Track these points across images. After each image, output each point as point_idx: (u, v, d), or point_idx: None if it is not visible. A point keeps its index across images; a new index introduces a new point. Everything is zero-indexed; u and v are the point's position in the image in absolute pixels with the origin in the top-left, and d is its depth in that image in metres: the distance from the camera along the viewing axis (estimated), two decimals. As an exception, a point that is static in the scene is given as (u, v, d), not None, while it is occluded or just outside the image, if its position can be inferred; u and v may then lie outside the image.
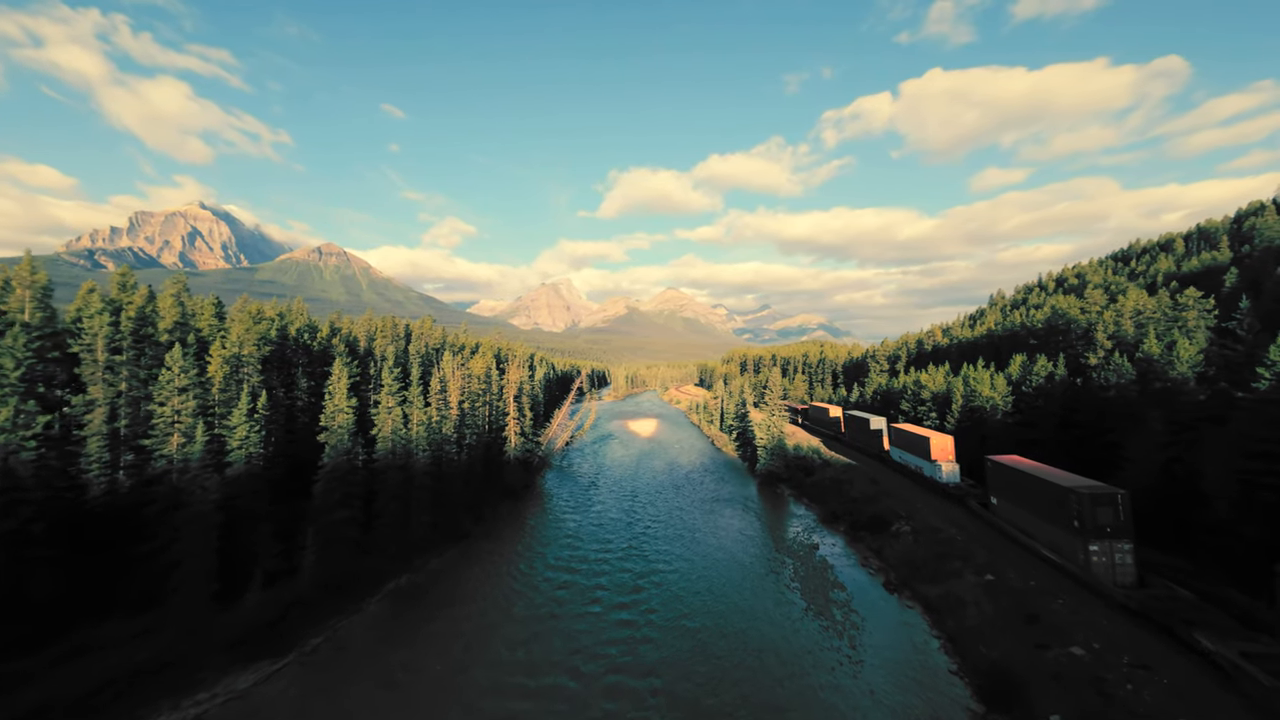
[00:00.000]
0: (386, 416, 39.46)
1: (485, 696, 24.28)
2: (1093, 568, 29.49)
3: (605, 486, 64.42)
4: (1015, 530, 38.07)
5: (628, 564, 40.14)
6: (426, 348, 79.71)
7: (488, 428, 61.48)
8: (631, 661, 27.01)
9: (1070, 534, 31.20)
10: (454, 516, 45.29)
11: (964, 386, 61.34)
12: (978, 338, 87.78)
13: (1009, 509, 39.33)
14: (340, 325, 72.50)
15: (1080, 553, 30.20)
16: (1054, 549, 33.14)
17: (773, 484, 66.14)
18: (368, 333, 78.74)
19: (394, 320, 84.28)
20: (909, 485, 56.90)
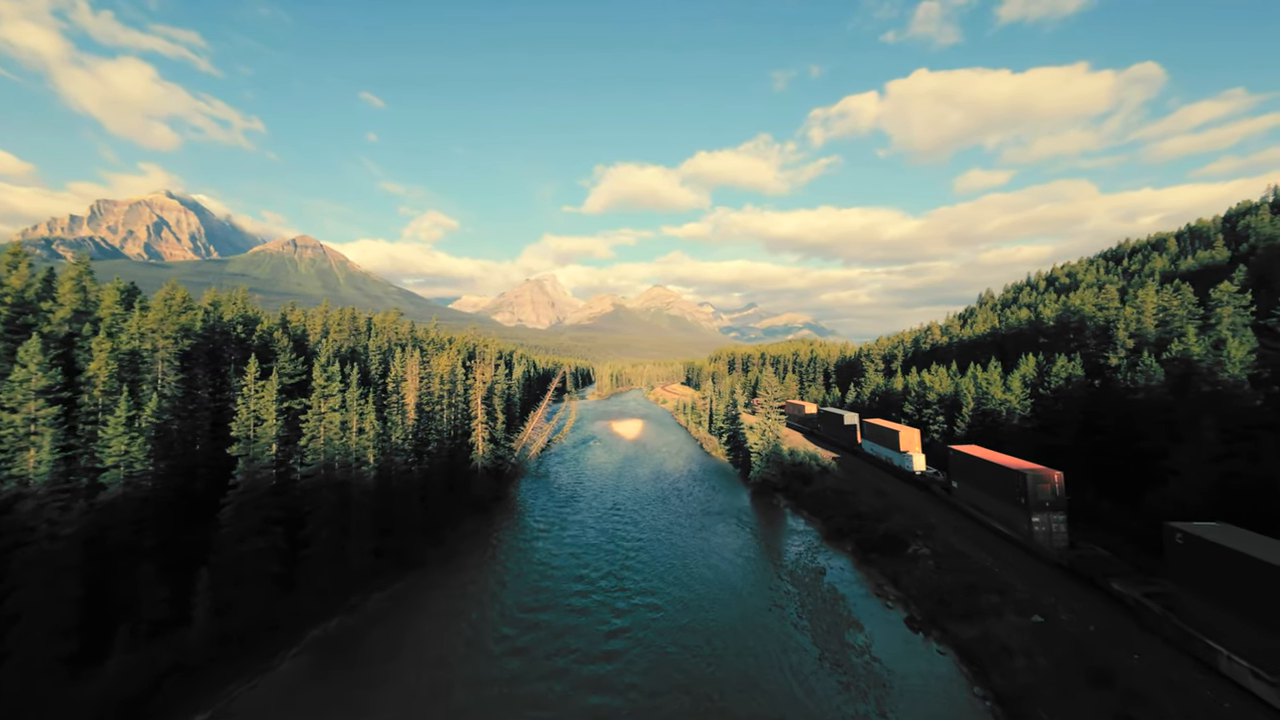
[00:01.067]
0: (318, 424, 33.22)
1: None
2: (1035, 535, 36.12)
3: (585, 498, 58.69)
4: (973, 509, 44.49)
5: (607, 599, 34.53)
6: (390, 344, 73.11)
7: (454, 433, 55.33)
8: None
9: (1017, 509, 37.61)
10: (406, 540, 39.19)
11: (974, 388, 57.00)
12: (980, 336, 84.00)
13: (968, 491, 45.52)
14: (292, 317, 65.63)
15: (1025, 524, 36.76)
16: (1004, 522, 39.91)
17: (768, 494, 61.15)
18: (324, 326, 71.89)
19: (353, 312, 77.45)
20: (919, 497, 52.42)
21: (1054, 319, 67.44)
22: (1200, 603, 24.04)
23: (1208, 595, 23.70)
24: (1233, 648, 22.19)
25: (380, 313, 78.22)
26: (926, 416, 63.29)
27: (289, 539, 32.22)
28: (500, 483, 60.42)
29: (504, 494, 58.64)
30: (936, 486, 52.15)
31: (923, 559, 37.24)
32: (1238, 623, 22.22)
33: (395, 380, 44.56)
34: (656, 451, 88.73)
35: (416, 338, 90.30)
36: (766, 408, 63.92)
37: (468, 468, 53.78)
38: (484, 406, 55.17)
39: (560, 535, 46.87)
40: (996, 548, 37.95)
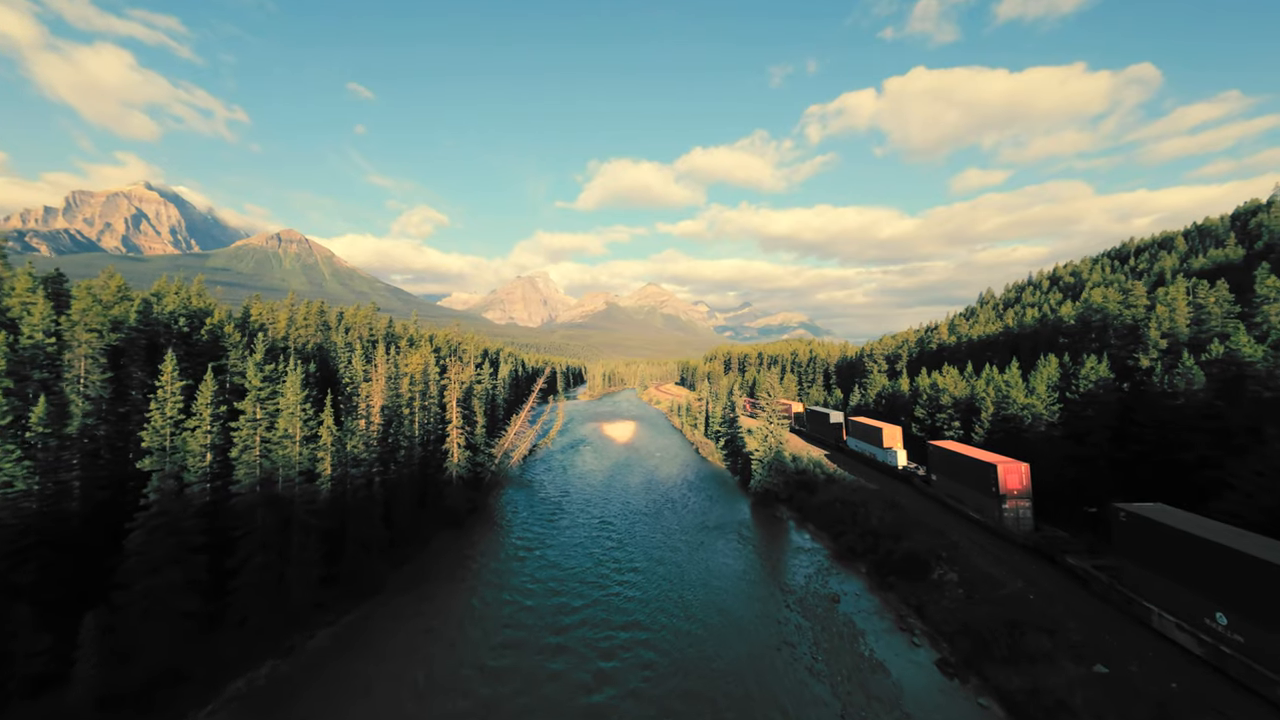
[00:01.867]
0: (252, 432, 28.69)
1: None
2: (1004, 521, 40.26)
3: (571, 511, 54.37)
4: (950, 499, 48.26)
5: (592, 637, 30.30)
6: (362, 341, 68.39)
7: (426, 440, 50.82)
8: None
9: (990, 497, 41.54)
10: (362, 564, 34.72)
11: (994, 392, 53.31)
12: (992, 335, 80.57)
13: (945, 483, 49.24)
14: (255, 310, 60.88)
15: (996, 510, 40.73)
16: (977, 510, 43.81)
17: (770, 505, 57.17)
18: (289, 320, 67.04)
19: (321, 306, 72.63)
20: (937, 511, 48.69)
21: (1075, 317, 63.98)
22: (1140, 570, 28.02)
23: (1145, 564, 27.69)
24: (1163, 607, 26.37)
25: (353, 306, 73.42)
26: (940, 422, 59.58)
27: (216, 568, 27.73)
28: (479, 493, 55.98)
29: (482, 505, 54.21)
30: (917, 480, 56.20)
31: (949, 585, 33.34)
32: (1168, 585, 26.18)
33: (353, 381, 40.08)
34: (649, 457, 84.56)
35: (394, 334, 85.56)
36: (769, 411, 59.92)
37: (441, 477, 49.32)
38: (460, 410, 50.70)
39: (541, 555, 42.53)
40: (1027, 568, 35.25)
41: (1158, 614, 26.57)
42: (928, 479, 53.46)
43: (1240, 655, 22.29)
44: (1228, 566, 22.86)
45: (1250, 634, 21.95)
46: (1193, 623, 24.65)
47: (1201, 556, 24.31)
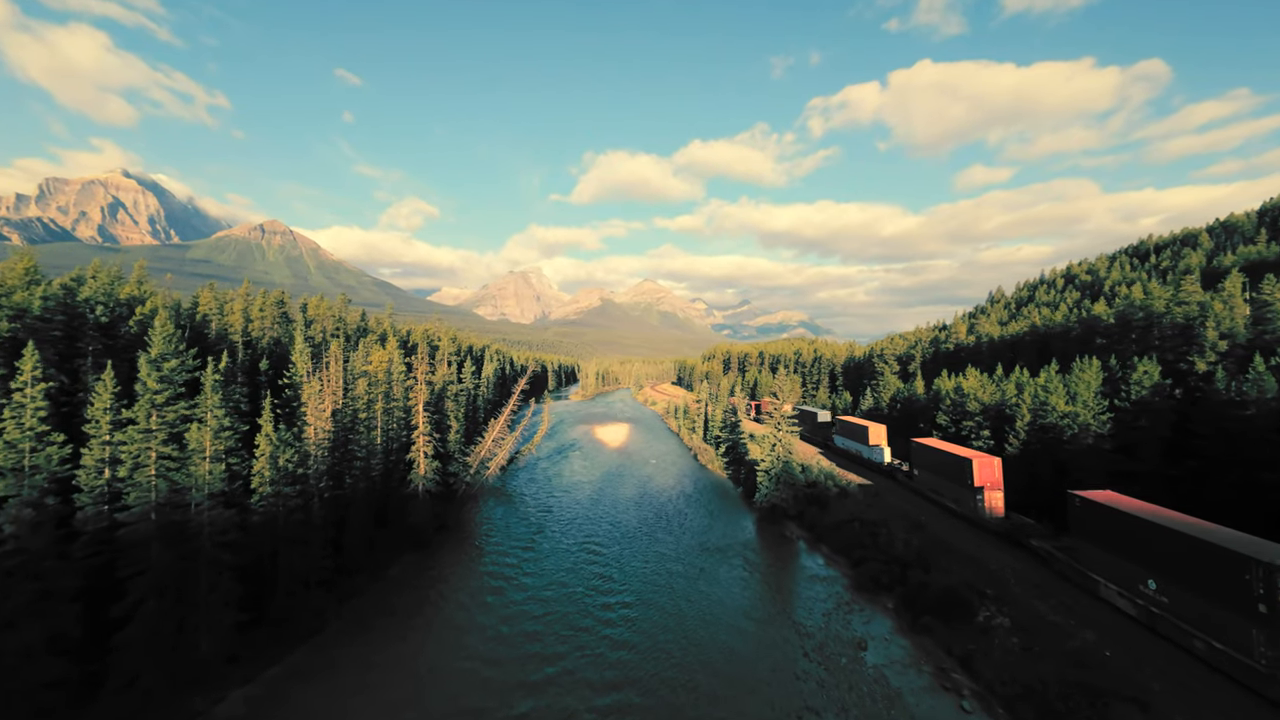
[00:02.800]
0: (144, 446, 23.54)
1: None
2: (978, 510, 44.07)
3: (554, 529, 49.38)
4: (929, 492, 52.25)
5: (573, 704, 25.39)
6: (325, 335, 63.07)
7: (389, 449, 45.70)
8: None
9: (965, 489, 45.47)
10: (298, 602, 29.65)
11: (1030, 398, 48.71)
12: (1017, 335, 76.14)
13: (926, 477, 53.25)
14: (203, 299, 55.59)
15: (971, 500, 44.71)
16: (955, 500, 47.74)
17: (777, 522, 52.42)
18: (244, 311, 61.83)
19: (282, 296, 67.22)
20: (970, 534, 44.23)
21: (1114, 315, 59.52)
22: (1090, 548, 32.20)
23: (1094, 541, 31.81)
24: (1108, 578, 30.57)
25: (316, 296, 68.03)
26: (967, 430, 54.99)
27: (99, 619, 22.62)
28: (451, 507, 50.91)
29: (454, 522, 49.13)
30: (900, 475, 60.42)
31: (1000, 632, 28.64)
32: (1112, 559, 30.25)
33: (292, 380, 34.97)
34: (644, 464, 79.66)
35: (368, 329, 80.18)
36: (777, 417, 55.15)
37: (405, 491, 44.23)
38: (427, 414, 45.57)
39: (517, 585, 37.54)
40: (1093, 613, 30.94)
41: (1103, 584, 31.17)
42: (910, 473, 58.20)
43: (1166, 614, 26.89)
44: (1157, 541, 27.55)
45: (1174, 595, 26.62)
46: (1130, 589, 29.32)
47: (1137, 533, 28.82)
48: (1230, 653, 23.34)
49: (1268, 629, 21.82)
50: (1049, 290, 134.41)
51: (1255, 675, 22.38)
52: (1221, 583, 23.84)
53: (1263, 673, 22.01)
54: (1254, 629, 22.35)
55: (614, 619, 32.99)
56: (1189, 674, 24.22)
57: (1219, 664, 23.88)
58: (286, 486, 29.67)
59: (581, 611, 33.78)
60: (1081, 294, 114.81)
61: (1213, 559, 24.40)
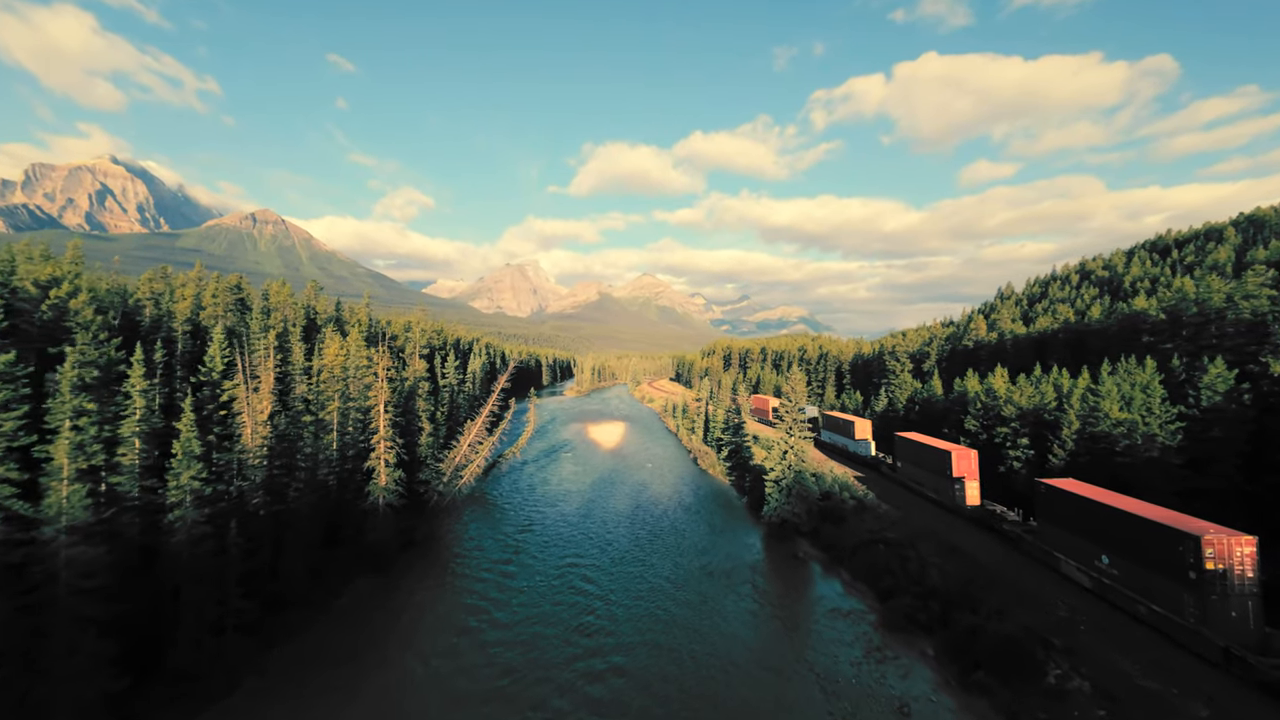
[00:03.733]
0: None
1: None
2: (956, 498, 48.38)
3: (536, 548, 43.86)
4: (911, 482, 55.36)
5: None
6: (287, 324, 57.22)
7: (348, 455, 40.07)
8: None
9: (944, 479, 49.63)
10: (200, 656, 24.04)
11: (1080, 403, 43.26)
12: (1045, 332, 70.73)
13: (908, 469, 56.20)
14: (148, 282, 49.85)
15: (950, 489, 48.97)
16: (934, 490, 51.61)
17: (788, 538, 47.07)
18: (196, 297, 56.10)
19: (239, 281, 61.42)
20: (1004, 554, 39.05)
21: (1165, 309, 54.07)
22: (1053, 529, 36.08)
23: (1056, 523, 35.70)
24: (1068, 555, 34.73)
25: (278, 281, 62.15)
26: (1001, 438, 49.55)
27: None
28: (422, 521, 45.36)
29: (424, 537, 43.60)
30: (885, 467, 64.65)
31: (1078, 698, 23.25)
32: (1071, 538, 34.34)
33: (211, 376, 29.34)
34: (639, 468, 74.21)
35: (341, 318, 74.32)
36: (789, 420, 49.68)
37: (363, 505, 38.64)
38: (391, 415, 39.90)
39: (489, 622, 32.03)
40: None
41: (1064, 561, 34.63)
42: (894, 466, 61.92)
43: (1116, 585, 30.31)
44: (1109, 521, 30.70)
45: (1123, 568, 29.94)
46: (1085, 564, 32.62)
47: (1092, 514, 31.99)
48: (1167, 614, 27.39)
49: (1195, 592, 25.83)
50: (1063, 286, 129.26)
51: (1184, 631, 26.45)
52: (1161, 555, 27.63)
53: (1190, 628, 26.08)
54: (1185, 593, 26.38)
55: (602, 669, 27.54)
56: (1131, 633, 28.47)
57: (1157, 624, 28.05)
58: (193, 509, 24.01)
59: (564, 660, 28.29)
60: (1100, 290, 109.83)
61: (1154, 535, 28.18)
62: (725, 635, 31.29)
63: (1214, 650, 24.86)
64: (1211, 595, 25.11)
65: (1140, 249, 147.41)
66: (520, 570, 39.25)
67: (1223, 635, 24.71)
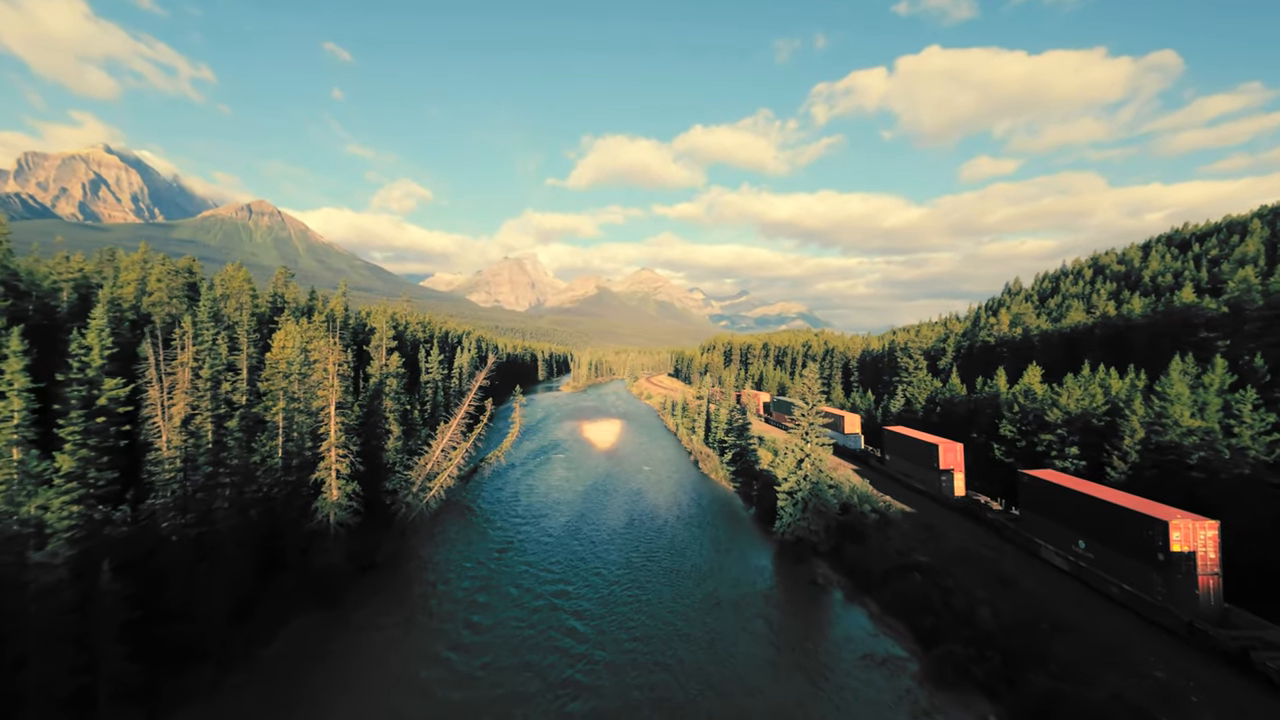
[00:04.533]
0: None
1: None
2: (941, 489, 49.65)
3: (516, 571, 38.09)
4: (899, 475, 58.27)
5: None
6: (243, 313, 51.13)
7: (292, 464, 34.16)
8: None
9: (931, 470, 51.02)
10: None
11: (1143, 408, 37.50)
12: (1079, 327, 65.00)
13: (896, 461, 59.22)
14: (77, 263, 44.13)
15: (937, 480, 50.30)
16: (922, 482, 53.30)
17: (803, 559, 41.41)
18: (140, 281, 50.69)
19: (192, 264, 55.46)
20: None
21: (1227, 302, 48.29)
22: (1034, 517, 37.84)
23: (1037, 511, 37.40)
24: (1047, 540, 36.18)
25: (234, 263, 56.04)
26: (1045, 445, 43.81)
27: None
28: (387, 539, 39.52)
29: (388, 558, 37.79)
30: (874, 460, 65.55)
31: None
32: (1051, 525, 35.77)
33: (86, 373, 23.39)
34: (636, 472, 68.45)
35: (310, 307, 68.18)
36: (806, 424, 43.88)
37: (309, 525, 32.77)
38: (342, 419, 33.93)
39: (447, 677, 26.25)
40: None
41: (1044, 546, 36.48)
42: (882, 459, 62.79)
43: (1090, 567, 32.77)
44: (1085, 508, 32.87)
45: (1098, 551, 32.23)
46: (1063, 549, 34.90)
47: (1070, 502, 34.18)
48: (1137, 593, 28.89)
49: (1163, 572, 27.23)
50: (1076, 281, 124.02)
51: (1152, 608, 28.18)
52: (1132, 539, 28.99)
53: (1158, 605, 27.75)
54: (1153, 573, 27.79)
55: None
56: (1104, 609, 30.28)
57: (1128, 602, 29.62)
58: (35, 549, 18.11)
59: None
60: (1118, 285, 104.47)
61: (1126, 521, 29.44)
62: (740, 689, 25.61)
63: (1180, 624, 26.89)
64: (1177, 575, 27.01)
65: (1157, 243, 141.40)
66: (496, 602, 33.43)
67: (1187, 611, 26.70)
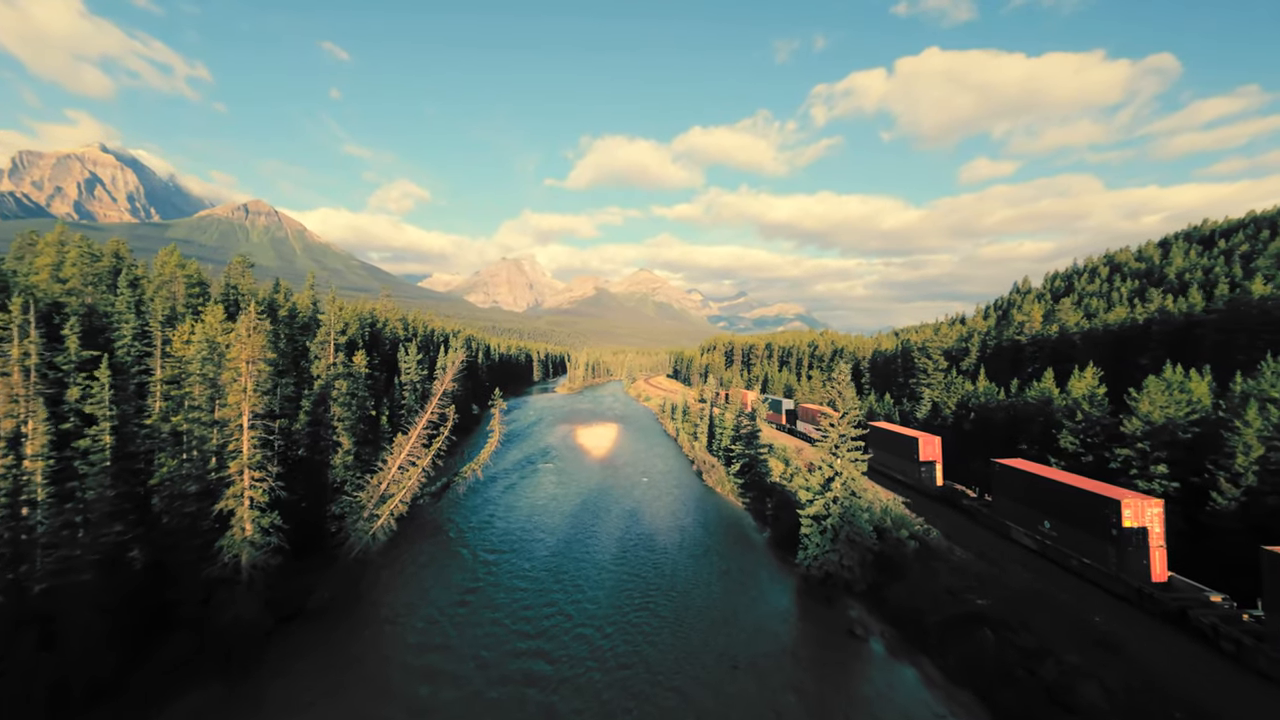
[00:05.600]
0: None
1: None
2: (922, 479, 51.99)
3: (483, 623, 30.59)
4: (882, 467, 59.42)
5: None
6: (176, 304, 43.50)
7: (193, 491, 26.69)
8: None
9: (912, 463, 53.21)
10: None
11: (1259, 418, 30.23)
12: (1126, 323, 57.86)
13: (879, 455, 59.00)
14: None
15: (916, 471, 52.56)
16: (902, 474, 55.99)
17: (834, 600, 34.16)
18: (55, 267, 44.29)
19: (119, 248, 48.03)
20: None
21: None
22: (1005, 501, 40.61)
23: (1007, 496, 40.18)
24: (1016, 523, 39.09)
25: (167, 247, 48.50)
26: (1119, 461, 36.52)
27: None
28: (328, 576, 32.02)
29: (320, 605, 30.28)
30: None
31: None
32: (1019, 508, 38.72)
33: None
34: (634, 485, 61.04)
35: (274, 303, 60.41)
36: (835, 437, 36.62)
37: (209, 569, 25.28)
38: (257, 433, 26.48)
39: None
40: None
41: (1013, 527, 39.57)
42: (865, 451, 69.71)
43: (1055, 545, 35.43)
44: (1049, 492, 35.75)
45: (1061, 530, 34.90)
46: (1031, 529, 37.68)
47: (1037, 487, 36.97)
48: (1093, 564, 32.25)
49: (1115, 545, 30.31)
50: (1092, 279, 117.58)
51: (1106, 577, 31.56)
52: (1089, 518, 32.23)
53: (1111, 574, 31.06)
54: (1108, 546, 30.88)
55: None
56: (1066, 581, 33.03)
57: (1087, 574, 32.99)
58: None
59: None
60: (1140, 282, 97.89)
61: (1085, 502, 32.69)
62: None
63: (1130, 590, 29.86)
64: (1128, 547, 29.72)
65: (1177, 239, 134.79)
66: (453, 669, 25.94)
67: (1135, 578, 29.52)
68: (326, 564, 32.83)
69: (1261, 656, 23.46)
